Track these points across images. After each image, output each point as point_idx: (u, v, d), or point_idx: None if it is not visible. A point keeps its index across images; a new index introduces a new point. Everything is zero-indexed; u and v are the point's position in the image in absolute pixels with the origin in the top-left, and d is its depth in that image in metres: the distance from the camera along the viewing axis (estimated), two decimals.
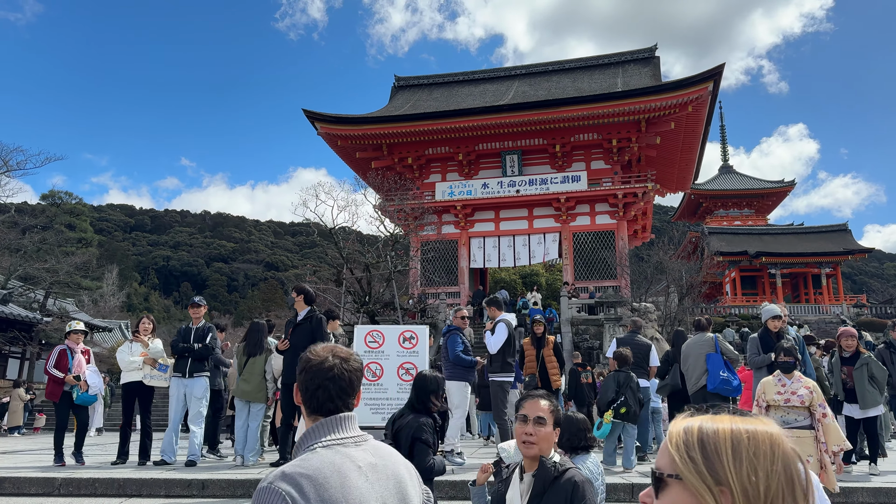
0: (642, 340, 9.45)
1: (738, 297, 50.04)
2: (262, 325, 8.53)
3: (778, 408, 5.78)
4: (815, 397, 5.74)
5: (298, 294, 7.60)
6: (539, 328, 8.99)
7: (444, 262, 33.04)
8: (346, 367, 1.74)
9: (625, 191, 30.64)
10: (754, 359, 7.62)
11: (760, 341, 7.64)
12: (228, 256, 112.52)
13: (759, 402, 5.92)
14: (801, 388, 5.75)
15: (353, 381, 1.75)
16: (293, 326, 7.43)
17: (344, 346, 1.82)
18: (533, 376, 8.79)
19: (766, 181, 64.76)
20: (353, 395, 1.76)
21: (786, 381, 5.85)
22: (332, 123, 32.38)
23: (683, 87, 28.46)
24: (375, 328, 9.11)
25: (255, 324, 8.53)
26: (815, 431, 5.67)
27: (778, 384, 5.86)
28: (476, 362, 7.97)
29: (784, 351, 5.93)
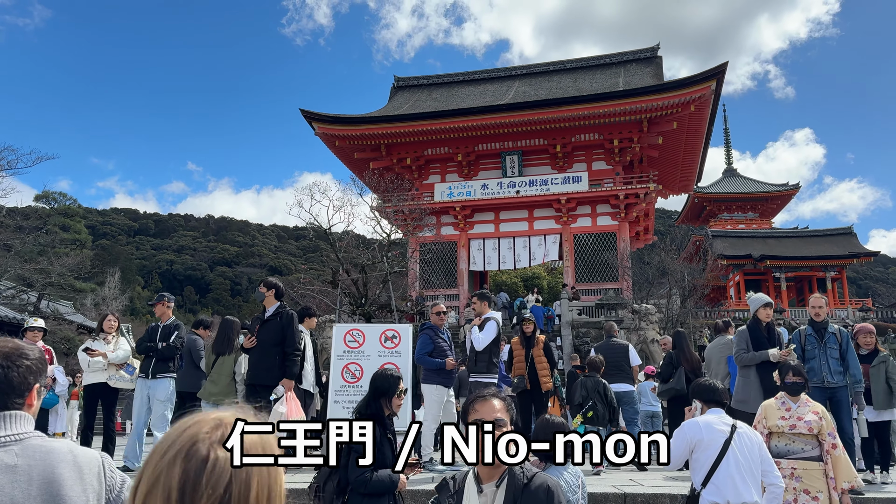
0: (617, 343, 9.18)
1: (741, 300, 49.29)
2: (233, 322, 8.03)
3: (782, 435, 5.02)
4: (825, 424, 4.96)
5: (269, 289, 7.05)
6: (528, 327, 8.47)
7: (443, 264, 32.56)
8: (4, 363, 1.70)
9: (626, 191, 30.12)
10: (742, 356, 6.94)
11: (750, 334, 6.97)
12: (232, 260, 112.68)
13: (759, 428, 5.06)
14: (809, 414, 4.98)
15: (13, 379, 1.69)
16: (261, 322, 6.89)
17: (18, 344, 1.77)
18: (522, 378, 8.27)
19: (770, 185, 64.15)
20: (15, 394, 1.70)
21: (791, 405, 5.06)
22: (329, 123, 31.98)
23: (686, 86, 27.96)
24: (355, 327, 8.64)
25: (225, 320, 8.03)
26: (824, 464, 4.90)
27: (782, 408, 5.08)
28: (444, 365, 7.45)
29: (792, 370, 5.14)
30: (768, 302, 7.08)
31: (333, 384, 8.41)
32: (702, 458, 4.14)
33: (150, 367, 7.46)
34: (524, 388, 8.25)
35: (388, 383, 4.52)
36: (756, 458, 4.12)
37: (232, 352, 7.69)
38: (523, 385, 8.26)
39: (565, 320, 26.12)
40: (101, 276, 52.89)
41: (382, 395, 4.48)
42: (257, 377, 6.66)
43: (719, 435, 4.12)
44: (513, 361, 8.58)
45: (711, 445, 4.11)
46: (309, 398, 8.16)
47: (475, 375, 7.72)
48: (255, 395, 6.67)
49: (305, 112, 32.07)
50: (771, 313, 7.01)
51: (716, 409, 4.37)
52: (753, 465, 4.10)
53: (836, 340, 6.92)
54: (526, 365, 8.35)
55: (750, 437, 4.20)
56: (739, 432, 4.15)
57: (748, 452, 4.08)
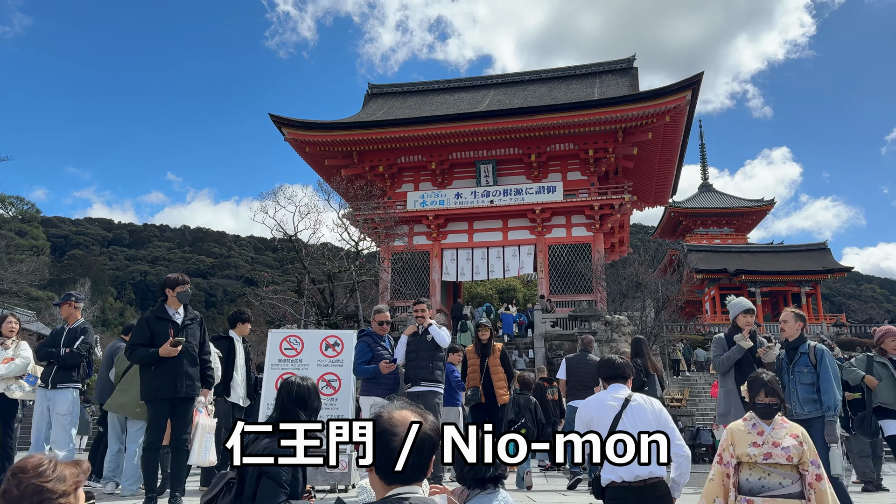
0: (592, 359, 8.55)
1: (717, 315, 49.41)
2: None
3: (754, 466, 4.06)
4: (807, 451, 4.03)
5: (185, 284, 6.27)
6: (484, 334, 7.73)
7: (415, 274, 31.78)
8: None
9: (601, 202, 29.70)
10: (718, 359, 6.26)
11: (727, 342, 6.29)
12: (207, 272, 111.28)
13: (725, 457, 4.16)
14: (787, 438, 4.05)
15: None
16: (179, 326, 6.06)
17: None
18: (476, 389, 7.51)
19: (745, 200, 64.66)
20: None
21: (763, 427, 4.11)
22: (299, 129, 31.17)
23: (661, 96, 27.71)
24: (293, 333, 7.81)
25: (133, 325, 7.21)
26: (807, 502, 3.96)
27: (752, 431, 4.12)
28: (378, 369, 6.65)
29: (764, 388, 4.14)
30: (749, 308, 6.36)
31: (266, 396, 7.57)
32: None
33: (51, 376, 6.56)
34: (478, 400, 7.49)
35: (307, 394, 3.78)
36: (651, 428, 3.82)
37: None
38: (477, 398, 7.51)
39: (538, 332, 25.49)
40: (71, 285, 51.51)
41: (300, 408, 3.74)
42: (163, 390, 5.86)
43: (609, 410, 3.98)
44: (467, 372, 7.83)
45: (602, 421, 3.98)
46: (238, 411, 7.31)
47: (423, 384, 6.95)
48: (164, 408, 5.86)
49: (275, 117, 31.24)
50: (752, 321, 6.29)
51: (615, 384, 4.18)
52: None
53: (807, 361, 5.90)
54: (481, 375, 7.60)
55: (644, 407, 4.00)
56: (632, 405, 3.98)
57: (641, 423, 3.87)
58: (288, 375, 3.83)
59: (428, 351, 6.97)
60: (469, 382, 7.68)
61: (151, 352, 5.77)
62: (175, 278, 6.19)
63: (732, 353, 6.16)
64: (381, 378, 6.78)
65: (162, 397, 5.84)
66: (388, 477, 1.96)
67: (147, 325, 5.82)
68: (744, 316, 6.27)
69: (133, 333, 6.07)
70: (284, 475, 3.49)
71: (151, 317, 5.91)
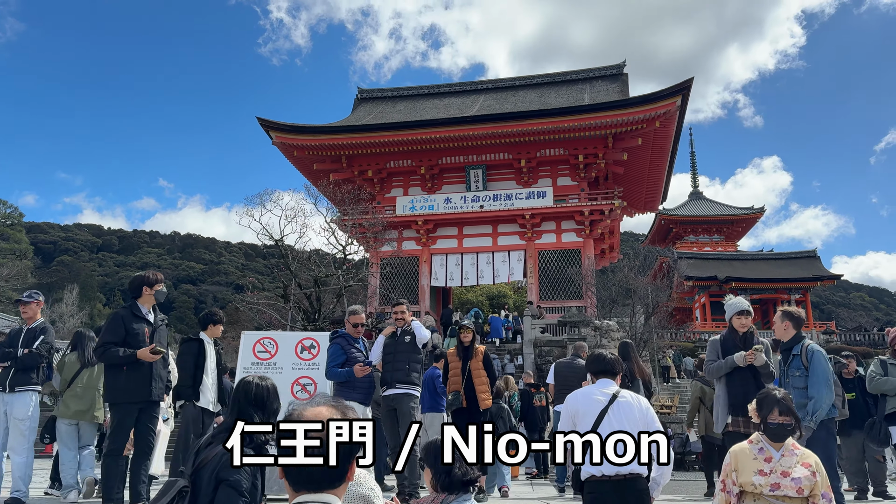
0: (580, 364, 8.37)
1: (707, 322, 49.44)
2: (84, 333, 6.95)
3: (759, 498, 3.61)
4: (820, 482, 3.55)
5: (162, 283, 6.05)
6: (466, 336, 7.46)
7: (404, 279, 31.49)
8: None
9: (591, 207, 29.56)
10: (710, 366, 5.92)
11: (722, 345, 5.94)
12: (197, 278, 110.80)
13: (728, 484, 3.79)
14: (798, 467, 3.57)
15: None
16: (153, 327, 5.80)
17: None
18: (457, 394, 7.23)
19: (735, 207, 64.84)
20: None
21: (771, 453, 3.62)
22: (288, 133, 30.89)
23: (651, 101, 27.64)
24: (267, 335, 7.52)
25: (78, 332, 6.94)
26: None
27: (759, 457, 3.65)
28: (352, 373, 6.38)
29: (778, 406, 3.69)
30: (744, 309, 5.98)
31: None
32: (580, 427, 3.98)
33: (8, 379, 6.22)
34: (460, 405, 7.22)
35: (265, 395, 3.49)
36: (636, 425, 3.86)
37: (94, 363, 6.53)
38: (459, 402, 7.23)
39: (527, 338, 25.27)
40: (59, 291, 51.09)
41: (257, 411, 3.46)
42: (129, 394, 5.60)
43: (596, 404, 3.97)
44: (448, 375, 7.55)
45: (588, 415, 3.97)
46: (209, 417, 6.99)
47: (399, 386, 6.67)
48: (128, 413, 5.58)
49: (263, 120, 30.94)
50: (748, 322, 5.93)
51: (604, 379, 4.16)
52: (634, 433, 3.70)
53: (800, 363, 5.59)
54: (462, 379, 7.33)
55: (631, 404, 4.00)
56: (620, 400, 3.98)
57: (627, 420, 3.88)
58: (244, 375, 3.55)
59: (405, 352, 6.71)
60: (450, 386, 7.41)
61: (129, 353, 5.47)
62: (153, 276, 5.95)
63: (726, 363, 5.85)
64: (355, 382, 6.51)
65: (133, 400, 5.56)
66: (295, 482, 1.77)
67: (122, 323, 5.56)
68: (738, 317, 5.94)
69: (106, 331, 5.70)
70: (245, 482, 3.20)
71: (127, 314, 5.66)
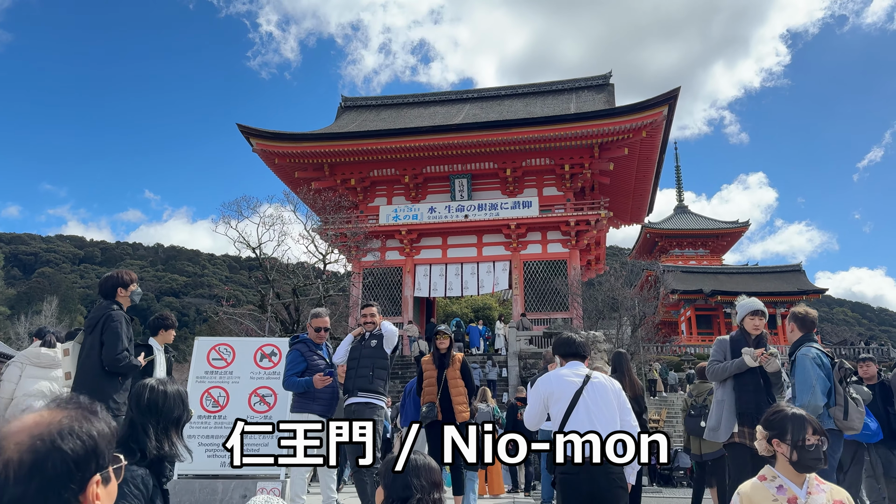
0: None
1: (693, 336, 49.19)
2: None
3: None
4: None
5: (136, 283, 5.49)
6: (443, 342, 6.83)
7: (387, 290, 30.79)
8: None
9: (577, 218, 29.12)
10: (715, 367, 5.32)
11: (731, 345, 5.34)
12: (180, 291, 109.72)
13: None
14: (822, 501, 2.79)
15: None
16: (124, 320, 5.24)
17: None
18: (432, 405, 6.58)
19: (720, 221, 65.02)
20: None
21: (796, 492, 2.78)
22: (268, 140, 30.22)
23: (637, 111, 27.37)
24: (224, 341, 6.84)
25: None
26: None
27: (780, 497, 2.80)
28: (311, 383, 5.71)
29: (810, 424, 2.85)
30: (758, 309, 5.40)
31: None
32: (554, 410, 4.00)
33: None
34: (434, 418, 6.57)
35: (165, 402, 2.87)
36: (611, 407, 3.92)
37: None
38: (433, 415, 6.58)
39: (512, 350, 24.68)
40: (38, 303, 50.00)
41: (153, 422, 2.82)
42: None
43: (570, 386, 3.96)
44: (422, 385, 6.90)
45: (563, 397, 3.95)
46: None
47: (354, 395, 6.01)
48: None
49: (243, 127, 30.27)
50: (762, 325, 5.37)
51: (574, 362, 4.16)
52: (607, 414, 3.90)
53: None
54: (438, 389, 6.68)
55: (605, 385, 4.01)
56: (593, 382, 3.98)
57: (602, 401, 3.91)
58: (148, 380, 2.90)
59: (369, 357, 6.06)
60: (424, 397, 6.76)
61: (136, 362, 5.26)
62: (126, 276, 5.38)
63: (733, 365, 5.24)
64: (315, 392, 5.84)
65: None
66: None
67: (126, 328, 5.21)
68: (751, 318, 5.35)
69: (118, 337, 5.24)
70: (132, 497, 2.57)
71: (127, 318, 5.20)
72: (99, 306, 5.46)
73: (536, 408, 4.11)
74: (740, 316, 5.49)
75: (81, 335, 5.56)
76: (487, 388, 10.95)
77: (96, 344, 5.21)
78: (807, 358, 4.94)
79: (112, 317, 5.25)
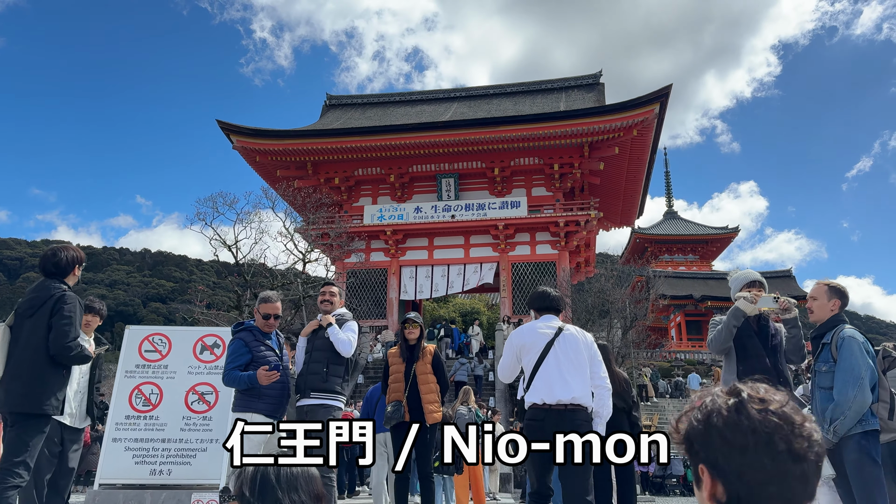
0: None
1: (683, 341, 48.69)
2: None
3: None
4: None
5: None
6: (412, 332, 5.96)
7: (372, 292, 29.88)
8: None
9: (567, 218, 28.38)
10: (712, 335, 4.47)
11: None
12: (167, 296, 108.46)
13: None
14: None
15: None
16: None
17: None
18: (398, 404, 5.71)
19: (710, 227, 64.81)
20: None
21: None
22: (249, 137, 29.30)
23: (628, 109, 26.73)
24: (158, 330, 5.94)
25: None
26: None
27: None
28: (255, 377, 4.82)
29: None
30: (755, 280, 4.60)
31: (115, 414, 5.63)
32: (526, 361, 4.05)
33: None
34: (401, 419, 5.69)
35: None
36: (582, 358, 3.99)
37: None
38: (400, 415, 5.70)
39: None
40: None
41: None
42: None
43: (542, 338, 4.01)
44: (387, 381, 6.03)
45: (534, 348, 4.01)
46: (71, 436, 5.34)
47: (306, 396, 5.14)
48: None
49: (223, 123, 29.34)
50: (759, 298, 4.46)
51: (548, 315, 4.20)
52: (578, 365, 3.96)
53: (829, 356, 4.12)
54: (405, 386, 5.81)
55: (576, 337, 4.06)
56: (565, 334, 4.03)
57: (573, 353, 3.97)
58: None
59: (324, 351, 5.20)
60: (390, 395, 5.87)
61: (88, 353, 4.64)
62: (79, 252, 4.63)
63: (728, 318, 4.38)
64: (261, 389, 4.95)
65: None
66: None
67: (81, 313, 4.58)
68: (749, 291, 4.52)
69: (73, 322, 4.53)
70: None
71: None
72: (43, 285, 4.56)
73: (510, 359, 4.12)
74: (735, 289, 4.63)
75: (11, 317, 4.64)
76: (471, 389, 10.05)
77: (40, 329, 4.38)
78: (855, 342, 4.05)
79: (65, 298, 4.47)
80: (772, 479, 1.07)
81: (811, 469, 1.09)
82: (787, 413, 1.11)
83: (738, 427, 1.10)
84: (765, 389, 1.16)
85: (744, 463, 1.08)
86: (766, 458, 1.08)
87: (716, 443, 1.11)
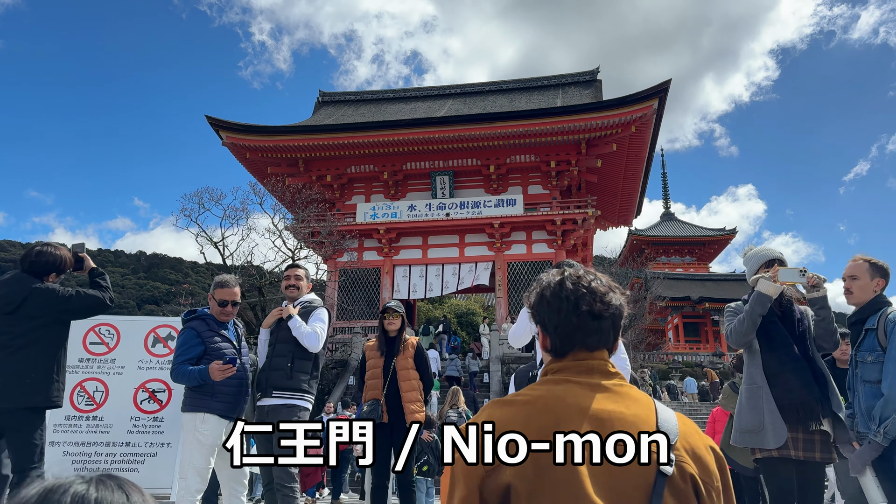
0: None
1: (681, 343, 48.15)
2: None
3: None
4: None
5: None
6: (393, 322, 5.33)
7: (364, 291, 29.20)
8: None
9: (563, 217, 27.78)
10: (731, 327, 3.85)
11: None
12: (162, 298, 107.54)
13: None
14: None
15: None
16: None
17: None
18: (376, 403, 5.07)
19: (707, 229, 64.39)
20: None
21: None
22: (239, 133, 28.64)
23: (627, 104, 26.16)
24: (105, 320, 5.26)
25: None
26: None
27: None
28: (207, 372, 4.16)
29: None
30: (775, 258, 3.99)
31: (53, 415, 4.97)
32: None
33: None
34: (378, 418, 5.05)
35: None
36: None
37: None
38: (378, 414, 5.06)
39: (495, 355, 23.28)
40: None
41: None
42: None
43: None
44: (363, 378, 5.38)
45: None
46: None
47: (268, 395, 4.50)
48: None
49: (212, 119, 28.67)
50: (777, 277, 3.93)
51: None
52: None
53: (874, 344, 3.60)
54: (384, 382, 5.17)
55: None
56: None
57: None
58: None
59: (288, 344, 4.55)
60: (367, 392, 5.23)
61: None
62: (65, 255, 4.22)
63: (751, 305, 3.78)
64: (214, 386, 4.29)
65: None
66: None
67: None
68: (766, 270, 3.92)
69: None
70: None
71: None
72: (17, 278, 3.96)
73: (525, 325, 4.18)
74: (752, 270, 4.00)
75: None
76: (459, 390, 9.39)
77: None
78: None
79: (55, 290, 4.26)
80: (576, 331, 1.48)
81: (607, 325, 1.49)
82: (593, 286, 1.50)
83: (557, 295, 1.51)
84: (584, 271, 1.58)
85: (559, 320, 1.50)
86: (573, 316, 1.48)
87: (544, 308, 1.53)
